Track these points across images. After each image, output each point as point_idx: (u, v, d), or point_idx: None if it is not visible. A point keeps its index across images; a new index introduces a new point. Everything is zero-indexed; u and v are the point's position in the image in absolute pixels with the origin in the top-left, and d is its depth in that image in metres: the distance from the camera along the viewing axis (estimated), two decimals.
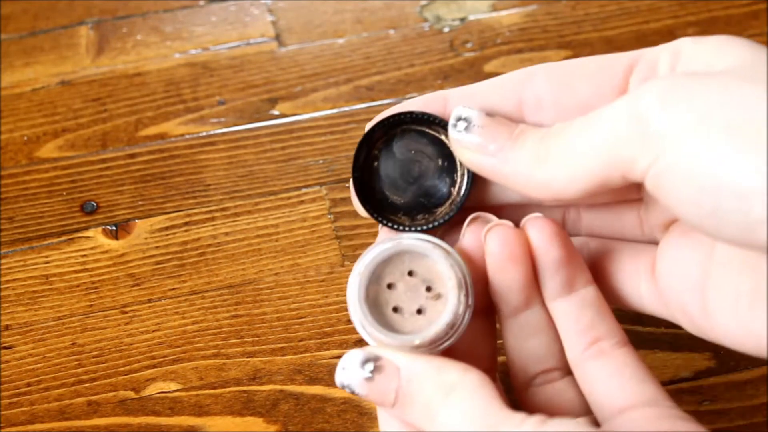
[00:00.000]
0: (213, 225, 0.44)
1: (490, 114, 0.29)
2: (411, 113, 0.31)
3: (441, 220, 0.31)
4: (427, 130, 0.31)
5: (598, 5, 0.53)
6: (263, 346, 0.39)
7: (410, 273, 0.30)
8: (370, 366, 0.28)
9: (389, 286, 0.30)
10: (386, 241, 0.30)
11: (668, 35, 0.51)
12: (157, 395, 0.38)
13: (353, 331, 0.39)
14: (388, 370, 0.28)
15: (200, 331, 0.40)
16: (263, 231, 0.43)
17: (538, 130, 0.28)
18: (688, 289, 0.28)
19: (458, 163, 0.31)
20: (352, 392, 0.28)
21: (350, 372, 0.28)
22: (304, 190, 0.45)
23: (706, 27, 0.52)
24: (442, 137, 0.31)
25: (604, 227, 0.32)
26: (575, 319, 0.30)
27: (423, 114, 0.30)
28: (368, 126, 0.31)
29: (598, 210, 0.32)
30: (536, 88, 0.30)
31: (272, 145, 0.47)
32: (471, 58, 0.51)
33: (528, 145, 0.28)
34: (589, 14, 0.53)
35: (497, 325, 0.32)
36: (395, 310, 0.29)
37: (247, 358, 0.39)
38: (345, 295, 0.40)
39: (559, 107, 0.29)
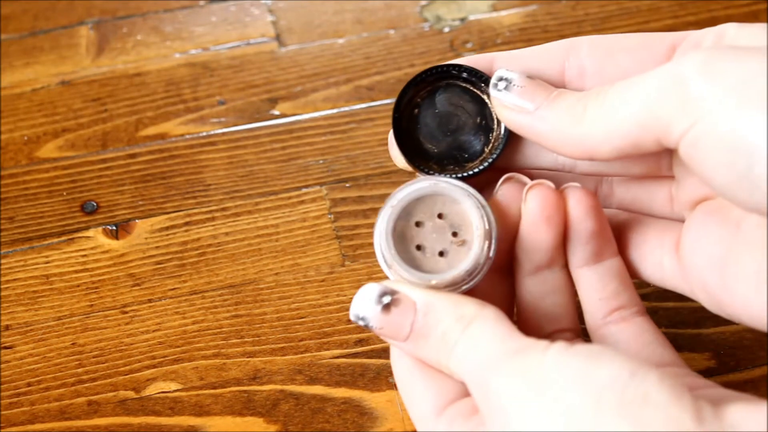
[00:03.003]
0: (213, 225, 0.44)
1: (530, 76, 0.30)
2: (460, 67, 0.32)
3: (470, 173, 0.32)
4: (471, 87, 0.32)
5: (598, 5, 0.53)
6: (263, 346, 0.39)
7: (440, 215, 0.30)
8: (386, 299, 0.28)
9: (417, 224, 0.30)
10: (423, 180, 0.30)
11: None
12: (158, 395, 0.38)
13: (353, 331, 0.39)
14: (405, 303, 0.28)
15: (200, 331, 0.40)
16: (263, 231, 0.43)
17: (575, 92, 0.29)
18: (710, 265, 0.29)
19: (495, 124, 0.32)
20: (366, 325, 0.29)
21: (366, 304, 0.29)
22: (304, 190, 0.45)
23: (707, 27, 0.52)
24: (485, 97, 0.32)
25: (635, 202, 0.33)
26: (600, 287, 0.31)
27: (471, 69, 0.32)
28: (416, 74, 0.32)
29: (631, 184, 0.33)
30: (580, 58, 0.31)
31: (272, 145, 0.47)
32: None
33: (565, 105, 0.29)
34: (589, 14, 0.53)
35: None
36: (419, 248, 0.30)
37: (248, 358, 0.39)
38: (345, 296, 0.41)
39: (601, 77, 0.30)
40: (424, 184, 0.30)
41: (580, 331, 0.32)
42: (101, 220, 0.44)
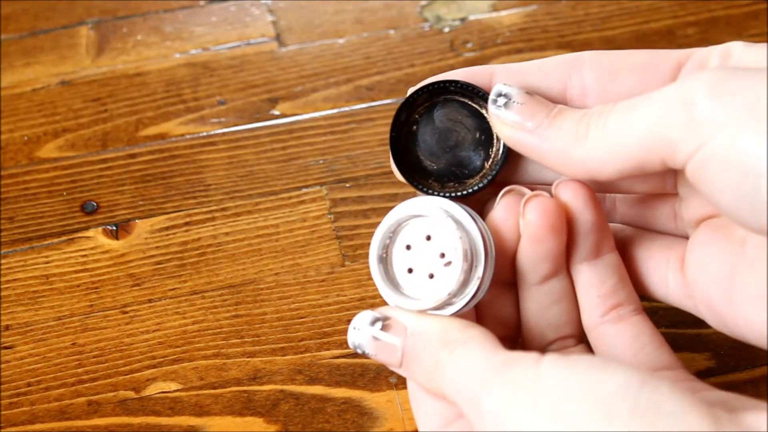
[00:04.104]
0: (213, 225, 0.44)
1: (529, 92, 0.29)
2: (457, 83, 0.31)
3: (470, 190, 0.31)
4: (469, 102, 0.32)
5: (598, 5, 0.53)
6: (263, 346, 0.39)
7: (428, 237, 0.30)
8: (378, 325, 0.29)
9: (407, 247, 0.30)
10: (410, 203, 0.30)
11: (668, 35, 0.51)
12: (158, 395, 0.38)
13: None
14: (395, 328, 0.29)
15: (200, 331, 0.40)
16: (263, 231, 0.43)
17: (576, 110, 0.29)
18: (715, 283, 0.29)
19: (495, 139, 0.31)
20: (363, 353, 0.29)
21: (360, 331, 0.29)
22: (304, 190, 0.45)
23: (706, 27, 0.52)
24: (483, 111, 0.31)
25: (639, 218, 0.33)
26: (599, 284, 0.31)
27: (468, 85, 0.31)
28: (412, 89, 0.32)
29: (634, 201, 0.33)
30: (583, 76, 0.30)
31: (272, 145, 0.47)
32: (471, 58, 0.51)
33: (566, 124, 0.28)
34: (589, 14, 0.53)
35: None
36: (410, 271, 0.30)
37: (248, 358, 0.39)
38: (345, 296, 0.41)
39: (605, 97, 0.30)
40: (410, 208, 0.30)
41: (583, 336, 0.32)
42: (101, 220, 0.44)
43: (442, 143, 0.32)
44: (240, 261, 0.42)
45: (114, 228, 0.44)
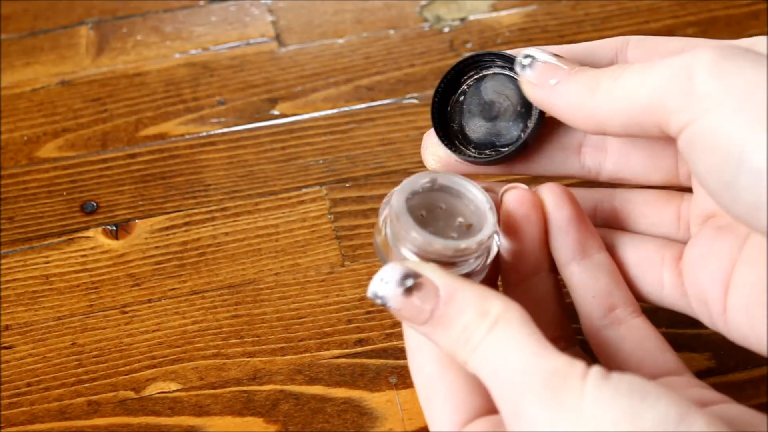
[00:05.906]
0: (213, 225, 0.44)
1: (557, 55, 0.30)
2: (502, 55, 0.33)
3: (504, 154, 0.32)
4: (515, 76, 0.33)
5: (598, 5, 0.53)
6: (263, 346, 0.39)
7: (443, 208, 0.30)
8: (409, 282, 0.27)
9: (422, 215, 0.30)
10: (423, 175, 0.30)
11: (668, 35, 0.51)
12: (157, 395, 0.38)
13: (353, 331, 0.39)
14: (428, 288, 0.27)
15: (200, 331, 0.40)
16: (263, 231, 0.43)
17: (594, 69, 0.29)
18: (712, 280, 0.29)
19: (532, 110, 0.32)
20: (384, 305, 0.27)
21: (387, 284, 0.27)
22: (304, 190, 0.45)
23: (707, 27, 0.52)
24: None
25: (642, 220, 0.33)
26: (592, 283, 0.31)
27: (512, 57, 0.32)
28: (458, 61, 0.33)
29: (639, 202, 0.33)
30: (630, 55, 0.31)
31: (272, 145, 0.47)
32: None
33: (582, 78, 0.29)
34: (589, 14, 0.53)
35: None
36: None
37: (247, 358, 0.39)
38: (345, 296, 0.41)
39: None
40: (424, 179, 0.30)
41: (575, 339, 0.32)
42: (101, 220, 0.44)
43: (486, 113, 0.33)
44: (240, 261, 0.42)
45: (114, 228, 0.44)
